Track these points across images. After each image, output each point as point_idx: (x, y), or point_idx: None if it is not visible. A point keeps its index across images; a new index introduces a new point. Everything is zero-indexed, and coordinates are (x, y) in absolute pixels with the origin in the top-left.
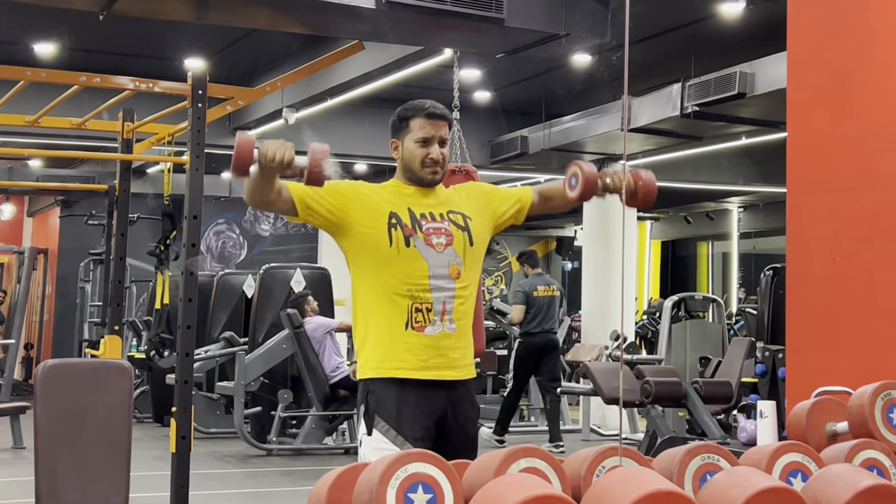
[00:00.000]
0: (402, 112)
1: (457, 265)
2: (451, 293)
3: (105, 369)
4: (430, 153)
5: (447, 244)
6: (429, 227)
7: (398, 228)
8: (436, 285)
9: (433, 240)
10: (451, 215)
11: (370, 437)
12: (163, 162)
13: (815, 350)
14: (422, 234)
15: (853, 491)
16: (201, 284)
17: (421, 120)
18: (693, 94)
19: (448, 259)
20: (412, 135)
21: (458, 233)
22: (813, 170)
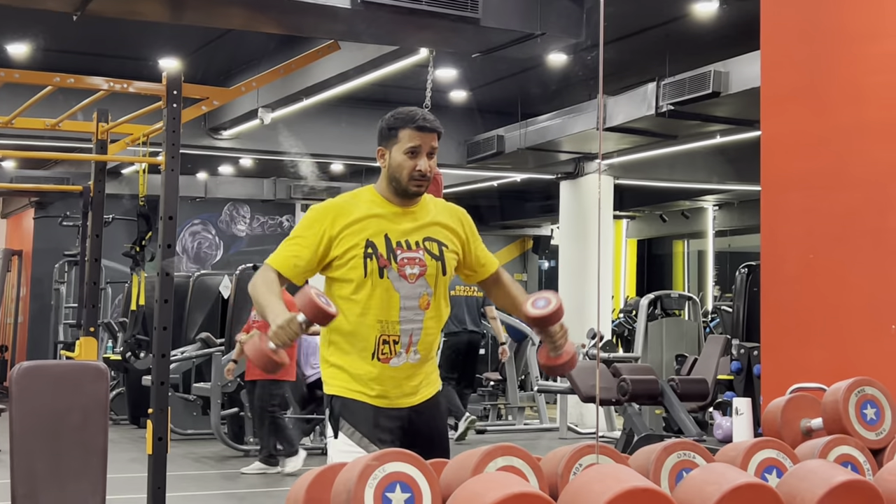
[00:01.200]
0: (391, 120)
1: (427, 296)
2: (420, 325)
3: (81, 371)
4: (419, 165)
5: (420, 275)
6: (403, 256)
7: (373, 259)
8: (405, 317)
9: (406, 270)
10: (426, 243)
11: (336, 439)
12: (138, 162)
13: (789, 347)
14: (396, 265)
15: (827, 486)
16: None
17: (410, 131)
18: (668, 93)
19: (419, 290)
20: (400, 145)
21: (432, 263)
22: (786, 168)
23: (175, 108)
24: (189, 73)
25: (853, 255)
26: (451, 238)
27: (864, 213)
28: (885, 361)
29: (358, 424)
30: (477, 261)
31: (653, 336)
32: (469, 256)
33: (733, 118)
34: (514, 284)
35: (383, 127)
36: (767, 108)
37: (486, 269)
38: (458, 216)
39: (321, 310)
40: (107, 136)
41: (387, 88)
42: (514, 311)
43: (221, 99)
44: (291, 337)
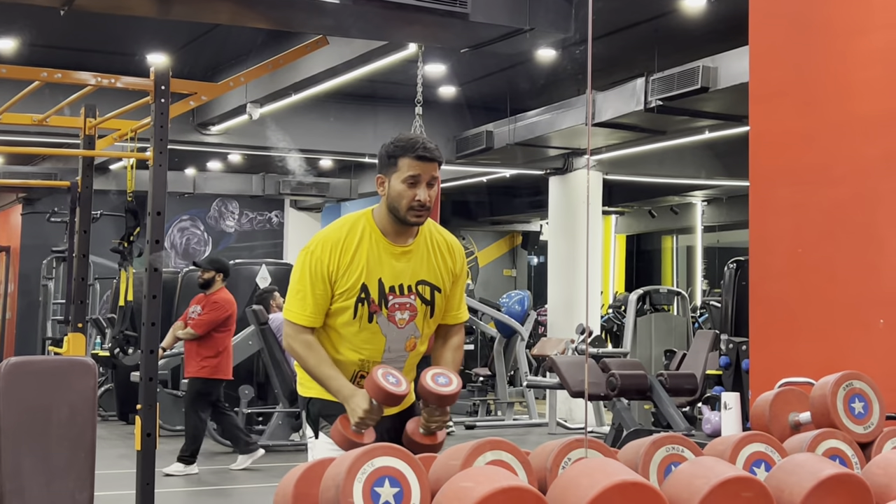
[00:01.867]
0: (391, 148)
1: (414, 339)
2: (402, 364)
3: (69, 367)
4: (418, 195)
5: (410, 319)
6: (395, 302)
7: (365, 304)
8: (388, 358)
9: (396, 316)
10: (419, 287)
11: (317, 440)
12: (126, 158)
13: (778, 342)
14: (386, 311)
15: (816, 480)
16: (166, 281)
17: (410, 160)
18: (657, 88)
19: (407, 334)
20: (399, 174)
21: (422, 307)
22: (775, 163)
23: (163, 104)
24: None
25: (841, 250)
26: (445, 278)
27: (852, 208)
28: (873, 356)
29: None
30: (449, 304)
31: (642, 331)
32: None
33: (722, 113)
34: (456, 352)
35: (383, 154)
36: (756, 104)
37: (452, 317)
38: (456, 254)
39: (393, 395)
40: (94, 132)
41: (375, 84)
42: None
43: (209, 94)
44: (375, 422)
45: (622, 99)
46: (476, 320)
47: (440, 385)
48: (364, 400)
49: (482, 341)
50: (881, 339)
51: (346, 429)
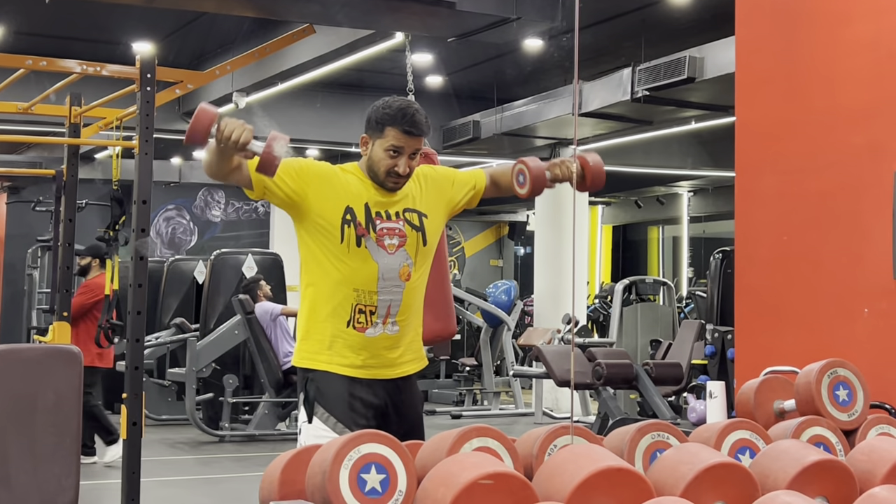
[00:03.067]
0: (381, 114)
1: (407, 267)
2: (399, 296)
3: (55, 354)
4: (398, 165)
5: (399, 245)
6: (383, 226)
7: (351, 226)
8: (384, 287)
9: (385, 241)
10: (406, 214)
11: (310, 424)
12: (111, 146)
13: (763, 330)
14: (374, 235)
15: (800, 466)
16: (151, 270)
17: (396, 131)
18: (643, 78)
19: (399, 261)
20: (384, 141)
21: (412, 233)
22: (761, 153)
23: (149, 92)
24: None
25: (826, 239)
26: (430, 205)
27: (837, 198)
28: (857, 344)
29: (333, 408)
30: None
31: (628, 321)
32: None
33: (708, 104)
34: (501, 172)
35: (371, 117)
36: (742, 94)
37: (479, 185)
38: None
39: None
40: (80, 120)
41: (362, 73)
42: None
43: (195, 82)
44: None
45: (609, 89)
46: (462, 310)
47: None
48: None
49: (468, 331)
50: (866, 328)
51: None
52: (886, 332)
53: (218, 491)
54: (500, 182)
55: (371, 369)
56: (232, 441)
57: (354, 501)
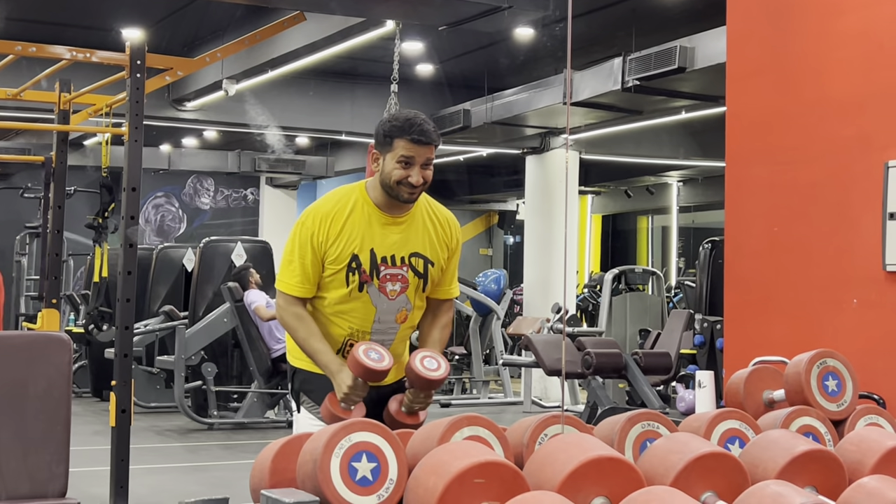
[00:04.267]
0: (388, 127)
1: (405, 311)
2: (392, 336)
3: (45, 341)
4: (410, 177)
5: (401, 291)
6: (387, 272)
7: (356, 273)
8: (378, 329)
9: (388, 287)
10: (412, 259)
11: (299, 413)
12: (100, 133)
13: (752, 320)
14: (377, 281)
15: (790, 456)
16: (140, 258)
17: (405, 142)
18: (634, 68)
19: (398, 306)
20: (394, 153)
21: (415, 280)
22: (751, 143)
23: (138, 79)
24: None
25: (816, 230)
26: (439, 251)
27: (827, 188)
28: (846, 335)
29: (319, 400)
30: (442, 279)
31: (617, 311)
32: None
33: (698, 94)
34: (444, 330)
35: (379, 132)
36: (733, 84)
37: (444, 291)
38: (452, 229)
39: (374, 371)
40: (69, 107)
41: (353, 61)
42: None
43: (185, 69)
44: (360, 397)
45: (599, 78)
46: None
47: (428, 369)
48: (349, 376)
49: (458, 320)
50: (855, 319)
51: (334, 405)
52: (875, 322)
53: (206, 478)
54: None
55: None
56: (221, 429)
57: (345, 490)
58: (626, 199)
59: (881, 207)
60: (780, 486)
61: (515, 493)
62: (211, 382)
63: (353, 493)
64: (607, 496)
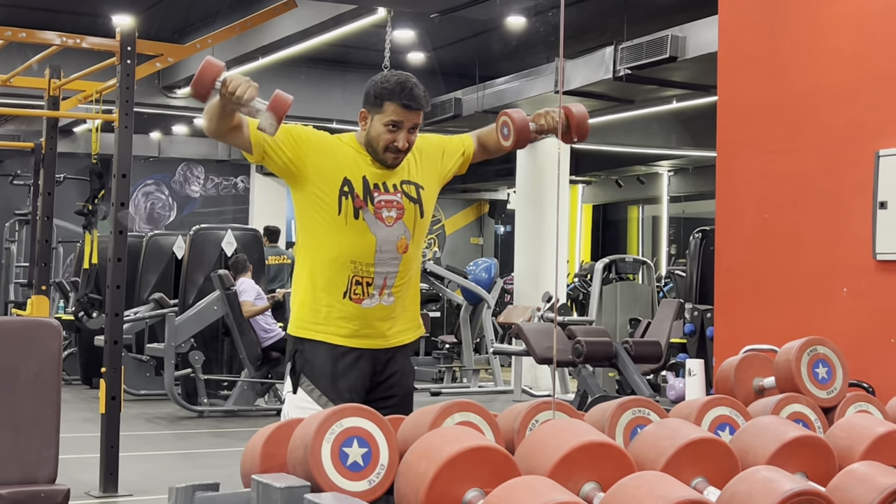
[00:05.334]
0: (379, 88)
1: (405, 239)
2: (395, 268)
3: (35, 327)
4: (397, 140)
5: (398, 217)
6: (381, 199)
7: (349, 197)
8: (381, 259)
9: (383, 213)
10: (404, 186)
11: (294, 395)
12: (91, 119)
13: (742, 309)
14: (372, 207)
15: (780, 442)
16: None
17: (395, 106)
18: (625, 57)
19: (397, 233)
20: (383, 116)
21: (410, 206)
22: (743, 132)
23: (129, 65)
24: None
25: (806, 219)
26: (427, 176)
27: (818, 177)
28: (837, 323)
29: (318, 380)
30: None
31: (607, 300)
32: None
33: (690, 83)
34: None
35: (370, 92)
36: (724, 73)
37: (468, 151)
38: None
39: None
40: (59, 93)
41: (344, 49)
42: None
43: (176, 56)
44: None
45: (591, 67)
46: (442, 287)
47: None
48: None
49: (448, 309)
50: (845, 307)
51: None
52: (865, 311)
53: (196, 465)
54: (486, 142)
55: (364, 339)
56: (210, 416)
57: (336, 475)
58: (616, 189)
59: (872, 196)
60: (771, 472)
61: (506, 477)
62: (199, 370)
63: (345, 478)
64: (598, 481)
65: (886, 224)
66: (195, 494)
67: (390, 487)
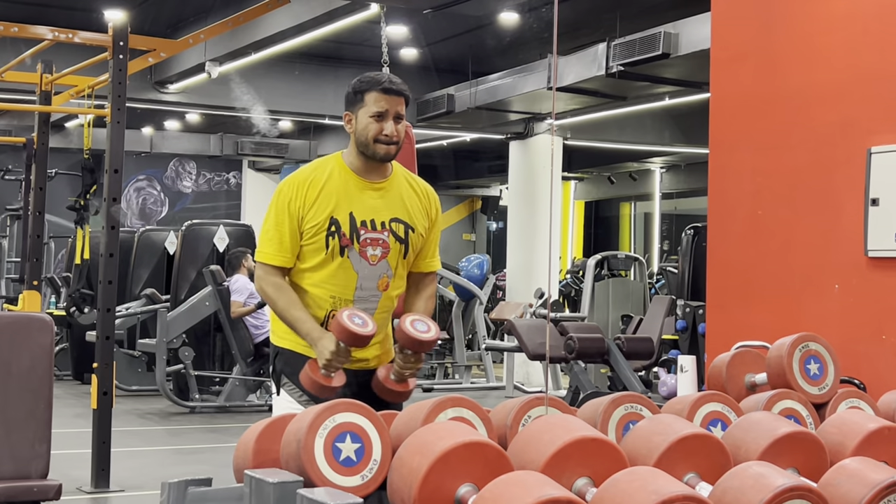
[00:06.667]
0: (357, 84)
1: (387, 278)
2: (375, 304)
3: (27, 321)
4: (385, 129)
5: (382, 256)
6: (367, 237)
7: (335, 237)
8: (361, 296)
9: (368, 252)
10: (393, 224)
11: (278, 396)
12: (82, 114)
13: (734, 305)
14: (357, 246)
15: (772, 438)
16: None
17: (376, 94)
18: (618, 53)
19: (379, 272)
20: (366, 109)
21: (396, 245)
22: (735, 129)
23: (121, 60)
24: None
25: (798, 215)
26: (419, 219)
27: (810, 174)
28: (828, 320)
29: (299, 383)
30: (424, 251)
31: (599, 296)
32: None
33: (682, 80)
34: (429, 301)
35: (349, 92)
36: (717, 69)
37: (426, 264)
38: (431, 199)
39: (358, 336)
40: (51, 88)
41: (336, 45)
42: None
43: (168, 51)
44: (343, 364)
45: (583, 64)
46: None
47: (419, 331)
48: (331, 342)
49: (441, 305)
50: (837, 304)
51: (314, 372)
52: (857, 307)
53: (188, 461)
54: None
55: None
56: (202, 412)
57: (329, 470)
58: (609, 186)
59: (864, 193)
60: (762, 468)
61: (500, 473)
62: (190, 366)
63: (337, 473)
64: (591, 476)
65: (878, 221)
66: (188, 489)
67: (383, 482)
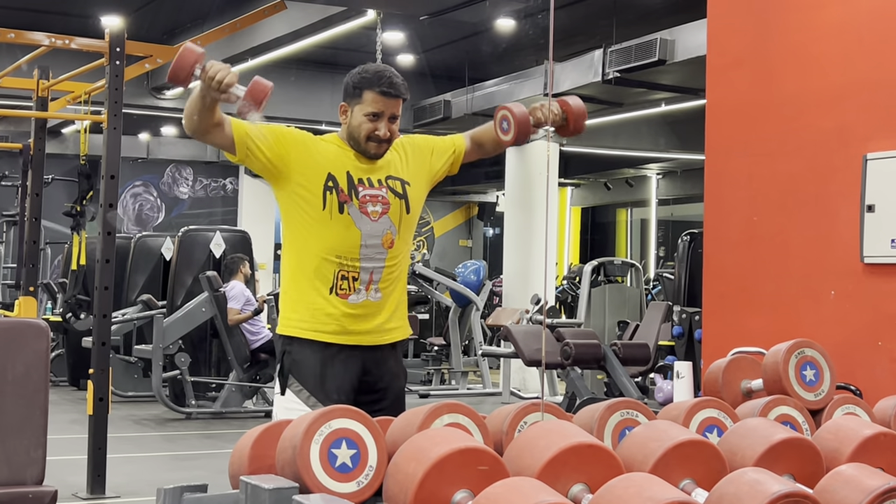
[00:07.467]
0: (357, 79)
1: (391, 234)
2: (381, 263)
3: (23, 327)
4: (378, 129)
5: (383, 212)
6: (365, 193)
7: (333, 192)
8: (366, 255)
9: (368, 208)
10: (389, 181)
11: (283, 396)
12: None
13: (730, 312)
14: (357, 202)
15: (768, 444)
16: (118, 247)
17: (374, 94)
18: (614, 60)
19: (382, 228)
20: (363, 106)
21: (395, 201)
22: (731, 135)
23: (118, 66)
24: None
25: (795, 222)
26: (413, 173)
27: (806, 181)
28: (824, 326)
29: (306, 381)
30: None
31: (596, 302)
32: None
33: (678, 86)
34: (481, 132)
35: (349, 83)
36: (713, 76)
37: (459, 150)
38: (406, 147)
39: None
40: (47, 94)
41: (333, 51)
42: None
43: (165, 57)
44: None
45: (580, 70)
46: (431, 290)
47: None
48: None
49: (437, 311)
50: (833, 310)
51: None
52: (853, 314)
53: (184, 467)
54: (482, 140)
55: (352, 335)
56: (198, 418)
57: (325, 476)
58: (605, 192)
59: (860, 199)
60: (758, 474)
61: (495, 479)
62: (186, 372)
63: (333, 479)
64: (586, 483)
65: (874, 227)
66: (183, 496)
67: (379, 489)
